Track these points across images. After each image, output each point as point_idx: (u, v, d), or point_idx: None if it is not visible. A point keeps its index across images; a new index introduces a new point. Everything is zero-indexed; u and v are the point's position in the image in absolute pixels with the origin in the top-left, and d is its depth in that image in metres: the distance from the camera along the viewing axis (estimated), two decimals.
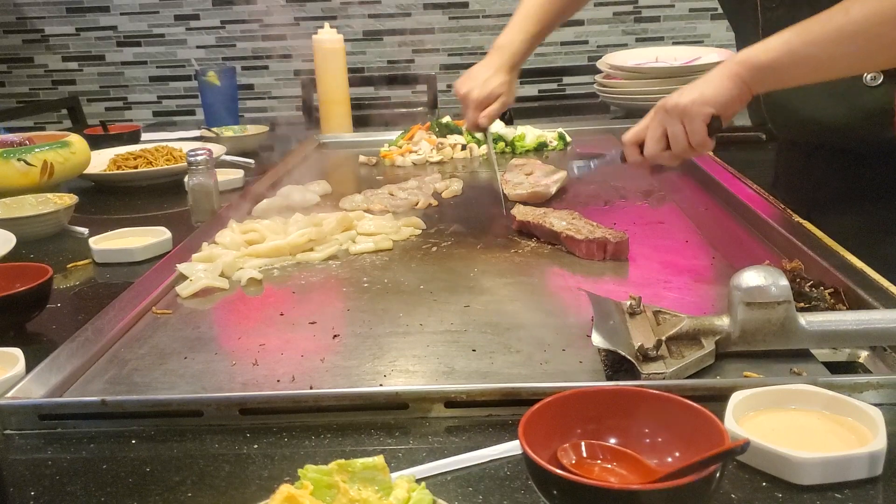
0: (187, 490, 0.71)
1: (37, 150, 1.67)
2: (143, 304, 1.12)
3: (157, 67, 4.04)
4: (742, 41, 1.31)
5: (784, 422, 0.73)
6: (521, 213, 1.38)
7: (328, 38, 2.26)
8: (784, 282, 0.86)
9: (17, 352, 0.92)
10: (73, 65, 4.07)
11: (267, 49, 3.93)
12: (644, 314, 0.95)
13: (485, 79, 1.51)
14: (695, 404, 0.64)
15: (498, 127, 2.09)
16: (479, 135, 1.95)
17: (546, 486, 0.61)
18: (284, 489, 0.54)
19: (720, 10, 1.53)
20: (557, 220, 1.30)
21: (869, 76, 1.20)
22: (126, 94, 4.10)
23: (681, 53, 2.55)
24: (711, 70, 1.15)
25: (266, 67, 3.97)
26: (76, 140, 1.76)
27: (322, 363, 0.93)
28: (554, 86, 3.74)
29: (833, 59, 1.05)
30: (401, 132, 2.15)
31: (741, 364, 0.87)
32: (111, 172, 1.88)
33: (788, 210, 1.33)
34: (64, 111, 3.49)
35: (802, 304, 0.98)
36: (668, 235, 1.33)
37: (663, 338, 0.87)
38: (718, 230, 1.35)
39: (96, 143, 2.09)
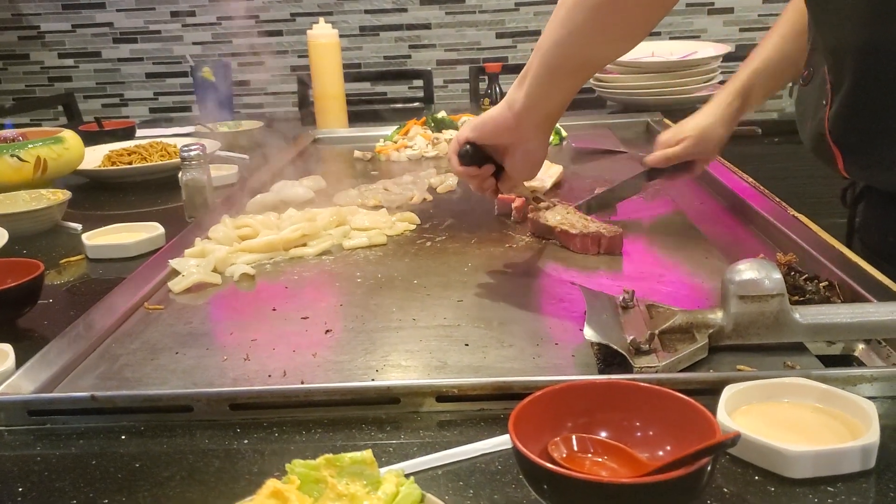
0: (176, 485, 0.70)
1: (30, 146, 1.67)
2: (135, 300, 1.11)
3: (154, 64, 4.03)
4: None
5: (777, 415, 0.72)
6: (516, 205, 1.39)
7: (323, 32, 2.25)
8: (777, 275, 0.85)
9: (8, 347, 0.92)
10: (70, 61, 4.06)
11: (263, 45, 3.92)
12: (637, 308, 0.94)
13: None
14: (686, 397, 0.64)
15: None
16: None
17: (536, 480, 0.60)
18: (271, 484, 0.54)
19: (717, 5, 1.52)
20: (552, 215, 1.30)
21: None
22: (122, 91, 4.09)
23: (677, 48, 2.55)
24: None
25: (262, 63, 3.96)
26: (70, 136, 1.76)
27: (314, 358, 0.93)
28: None
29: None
30: (396, 127, 2.14)
31: (734, 358, 0.86)
32: (105, 168, 1.87)
33: (783, 203, 1.33)
34: (59, 108, 3.48)
35: (797, 298, 0.97)
36: (663, 229, 1.33)
37: (656, 331, 0.87)
38: (713, 224, 1.35)
39: (91, 139, 2.08)
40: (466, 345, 0.94)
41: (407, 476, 0.58)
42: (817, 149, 1.14)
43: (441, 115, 2.14)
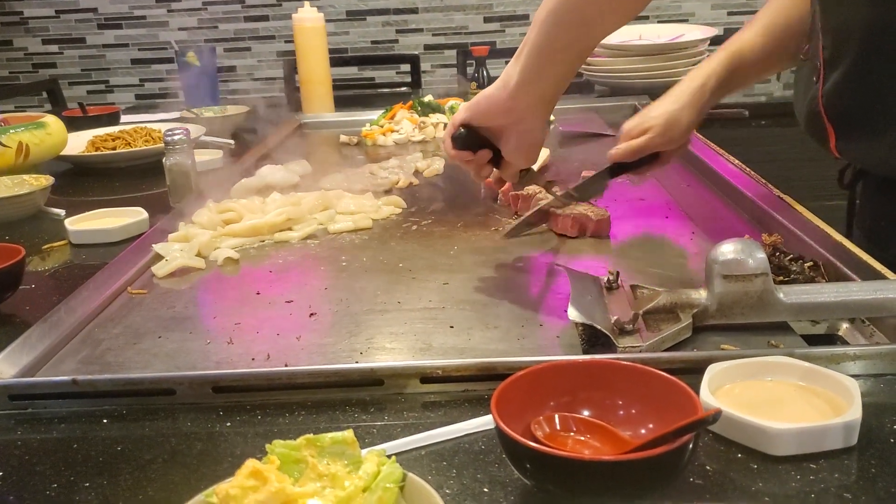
0: (158, 468, 0.70)
1: (11, 131, 1.65)
2: (118, 285, 1.10)
3: (139, 50, 3.99)
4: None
5: (760, 393, 0.72)
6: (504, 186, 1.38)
7: (308, 16, 2.23)
8: (761, 254, 0.85)
9: None
10: (54, 48, 4.02)
11: (249, 30, 3.89)
12: (622, 289, 0.94)
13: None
14: (667, 375, 0.64)
15: None
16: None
17: (518, 458, 0.60)
18: (250, 464, 0.53)
19: None
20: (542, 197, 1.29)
21: None
22: (108, 77, 4.05)
23: (664, 31, 2.54)
24: None
25: (248, 49, 3.93)
26: (52, 121, 1.74)
27: (298, 341, 0.92)
28: None
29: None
30: (382, 112, 2.13)
31: (719, 337, 0.86)
32: (89, 154, 1.85)
33: (769, 185, 1.32)
34: (44, 94, 3.45)
35: (782, 278, 0.98)
36: (649, 211, 1.33)
37: (640, 312, 0.87)
38: (699, 206, 1.35)
39: (75, 125, 2.07)
40: (451, 327, 0.94)
41: (389, 456, 0.58)
42: (810, 126, 1.13)
43: (428, 98, 2.13)
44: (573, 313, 0.84)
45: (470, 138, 1.06)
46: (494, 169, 1.11)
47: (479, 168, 1.10)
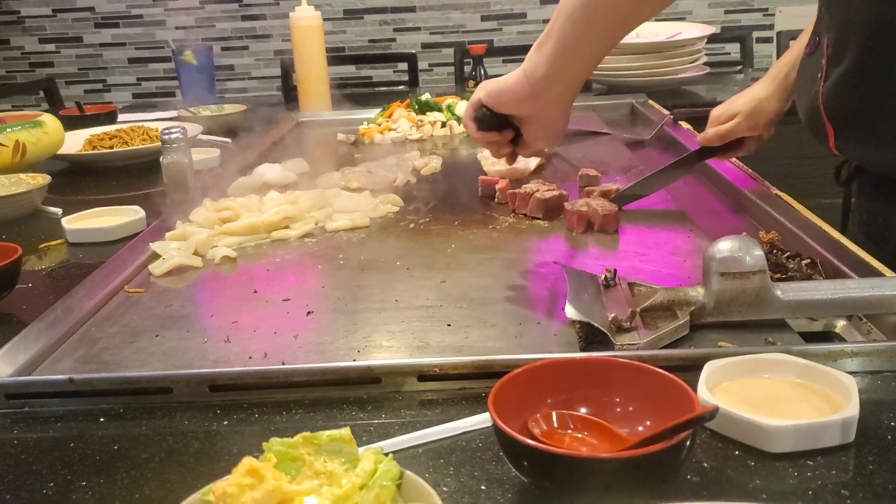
0: (155, 467, 0.70)
1: (8, 129, 1.65)
2: (114, 283, 1.10)
3: (136, 49, 3.99)
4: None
5: (757, 390, 0.72)
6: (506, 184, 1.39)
7: (305, 14, 2.23)
8: (759, 251, 0.85)
9: None
10: (51, 47, 4.02)
11: (246, 29, 3.89)
12: (619, 286, 0.94)
13: None
14: (664, 372, 0.64)
15: None
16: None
17: (516, 456, 0.60)
18: (247, 462, 0.53)
19: None
20: (548, 191, 1.30)
21: None
22: (105, 77, 4.05)
23: (662, 29, 2.54)
24: None
25: (246, 48, 3.92)
26: (49, 120, 1.74)
27: (295, 340, 0.92)
28: None
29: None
30: (380, 110, 2.13)
31: (716, 335, 0.86)
32: (86, 153, 1.85)
33: (766, 182, 1.33)
34: (41, 93, 3.44)
35: (779, 275, 0.98)
36: (646, 209, 1.33)
37: (637, 309, 0.86)
38: (697, 203, 1.35)
39: (72, 124, 2.06)
40: (449, 325, 0.94)
41: (386, 454, 0.58)
42: (811, 123, 1.13)
43: (425, 97, 2.13)
44: (570, 311, 0.84)
45: (493, 119, 1.04)
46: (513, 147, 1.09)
47: (500, 147, 1.08)
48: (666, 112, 1.98)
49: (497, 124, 1.04)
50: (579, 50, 0.94)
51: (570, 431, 0.64)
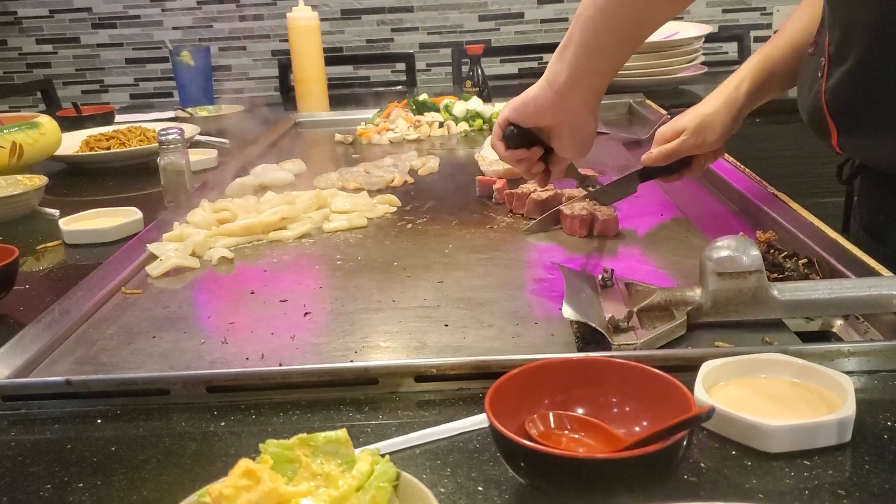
0: (152, 468, 0.69)
1: (5, 131, 1.65)
2: (111, 285, 1.10)
3: (134, 49, 3.98)
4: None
5: (754, 390, 0.72)
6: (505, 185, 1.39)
7: (302, 15, 2.23)
8: (755, 251, 0.85)
9: None
10: (48, 47, 4.01)
11: (244, 30, 3.88)
12: (616, 286, 0.94)
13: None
14: (661, 373, 0.64)
15: (475, 104, 2.08)
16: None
17: (513, 457, 0.60)
18: (243, 464, 0.53)
19: None
20: (544, 192, 1.29)
21: None
22: (102, 77, 4.04)
23: (659, 29, 2.54)
24: None
25: (244, 48, 3.92)
26: (46, 121, 1.74)
27: (292, 341, 0.92)
28: (534, 64, 3.71)
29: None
30: (377, 110, 2.13)
31: (713, 335, 0.86)
32: (83, 154, 1.85)
33: (764, 182, 1.33)
34: (38, 94, 3.44)
35: (776, 275, 0.98)
36: (643, 209, 1.33)
37: (634, 309, 0.87)
38: (694, 203, 1.35)
39: (69, 124, 2.06)
40: (446, 325, 0.94)
41: (383, 455, 0.58)
42: (813, 121, 1.12)
43: (423, 97, 2.13)
44: (568, 311, 0.84)
45: (521, 136, 1.04)
46: (544, 165, 1.09)
47: (531, 165, 1.08)
48: (663, 112, 1.98)
49: (525, 141, 1.04)
50: (599, 51, 0.95)
51: (567, 432, 0.64)
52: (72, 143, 1.90)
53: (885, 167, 1.10)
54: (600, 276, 0.96)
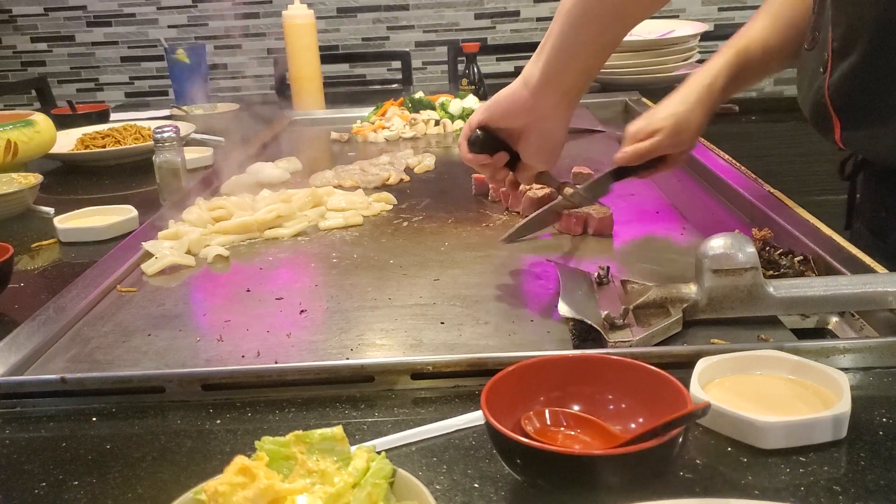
0: (148, 466, 0.69)
1: (0, 129, 1.64)
2: (107, 282, 1.10)
3: (129, 48, 3.98)
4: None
5: (750, 387, 0.72)
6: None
7: (298, 13, 2.23)
8: (751, 248, 0.85)
9: None
10: (43, 45, 4.00)
11: (239, 27, 3.88)
12: (612, 284, 0.94)
13: None
14: (656, 369, 0.64)
15: (471, 102, 2.08)
16: None
17: (509, 453, 0.60)
18: (239, 461, 0.53)
19: None
20: (540, 189, 1.29)
21: None
22: (97, 76, 4.03)
23: (655, 27, 2.54)
24: None
25: (239, 46, 3.91)
26: (41, 119, 1.73)
27: (288, 338, 0.92)
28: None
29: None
30: (373, 108, 2.13)
31: (709, 332, 0.86)
32: (78, 152, 1.85)
33: (760, 180, 1.33)
34: (33, 92, 3.43)
35: (772, 272, 0.98)
36: (639, 207, 1.33)
37: (630, 306, 0.87)
38: (690, 201, 1.35)
39: (64, 123, 2.06)
40: (442, 323, 0.94)
41: (379, 452, 0.58)
42: (815, 116, 1.12)
43: (418, 95, 2.13)
44: (564, 308, 0.84)
45: (487, 141, 1.02)
46: (511, 172, 1.07)
47: (495, 171, 1.06)
48: None
49: (490, 146, 1.02)
50: (576, 50, 0.94)
51: (562, 429, 0.64)
52: (67, 141, 1.89)
53: (888, 162, 1.10)
54: (596, 274, 0.96)
